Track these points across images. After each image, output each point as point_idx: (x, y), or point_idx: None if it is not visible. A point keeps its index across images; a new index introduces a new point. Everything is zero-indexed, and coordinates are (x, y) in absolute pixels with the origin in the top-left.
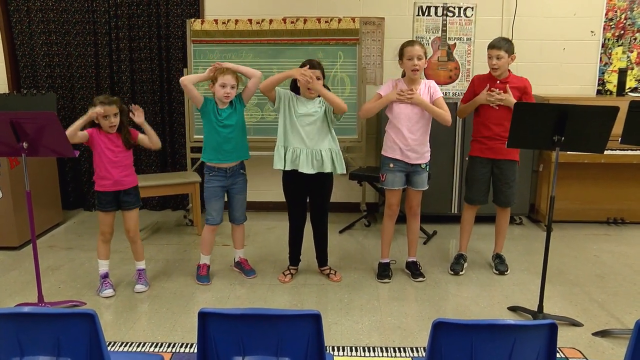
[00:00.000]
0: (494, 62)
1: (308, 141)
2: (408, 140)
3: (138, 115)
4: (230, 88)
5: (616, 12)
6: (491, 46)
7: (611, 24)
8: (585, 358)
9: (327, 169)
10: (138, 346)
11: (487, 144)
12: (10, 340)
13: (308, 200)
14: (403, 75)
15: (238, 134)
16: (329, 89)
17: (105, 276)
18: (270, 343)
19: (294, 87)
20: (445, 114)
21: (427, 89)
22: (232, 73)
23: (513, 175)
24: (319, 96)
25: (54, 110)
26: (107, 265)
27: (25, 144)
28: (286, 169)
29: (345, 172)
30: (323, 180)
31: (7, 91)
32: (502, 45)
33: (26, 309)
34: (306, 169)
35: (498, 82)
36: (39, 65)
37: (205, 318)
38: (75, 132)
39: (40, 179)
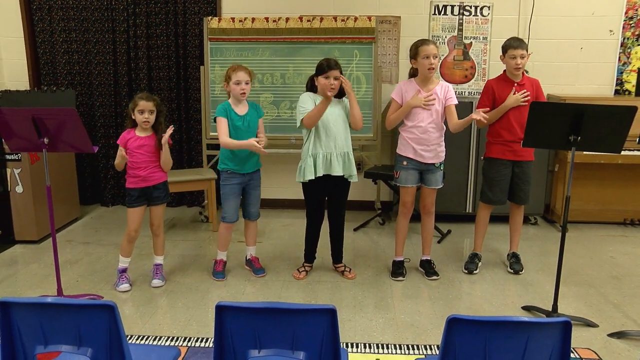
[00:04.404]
0: (519, 62)
1: (335, 142)
2: (421, 141)
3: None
4: (245, 84)
5: (637, 10)
6: (514, 46)
7: (631, 22)
8: (600, 359)
9: (353, 171)
10: (154, 340)
11: (511, 146)
12: (35, 329)
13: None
14: (412, 76)
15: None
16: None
17: (123, 271)
18: (286, 337)
19: (311, 87)
20: (452, 122)
21: (443, 92)
22: (245, 69)
23: (531, 173)
24: (338, 95)
25: (73, 106)
26: (128, 262)
27: (46, 140)
28: (317, 175)
29: (357, 180)
30: (343, 183)
31: (28, 88)
32: (525, 45)
33: (49, 299)
34: (337, 170)
35: (515, 84)
36: (58, 63)
37: (222, 311)
38: (119, 165)
39: (59, 175)
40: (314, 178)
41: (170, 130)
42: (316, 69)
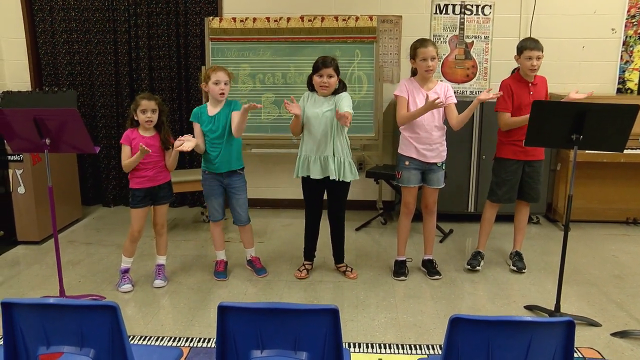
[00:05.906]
0: (535, 64)
1: (316, 145)
2: (423, 140)
3: (183, 145)
4: (224, 84)
5: (639, 8)
6: (530, 47)
7: (633, 21)
8: (604, 358)
9: (332, 174)
10: (156, 340)
11: (523, 146)
12: (37, 330)
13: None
14: (413, 74)
15: (226, 141)
16: (345, 85)
17: (126, 271)
18: (288, 337)
19: (310, 83)
20: (454, 121)
21: (444, 91)
22: (224, 70)
23: (542, 172)
24: (333, 93)
25: (74, 107)
26: (131, 262)
27: (47, 140)
28: (300, 175)
29: (357, 177)
30: (336, 184)
31: (29, 89)
32: (541, 46)
33: (51, 300)
34: (315, 174)
35: (530, 84)
36: (60, 63)
37: (224, 312)
38: (133, 163)
39: (61, 175)
40: (301, 177)
41: (187, 143)
42: (312, 67)
